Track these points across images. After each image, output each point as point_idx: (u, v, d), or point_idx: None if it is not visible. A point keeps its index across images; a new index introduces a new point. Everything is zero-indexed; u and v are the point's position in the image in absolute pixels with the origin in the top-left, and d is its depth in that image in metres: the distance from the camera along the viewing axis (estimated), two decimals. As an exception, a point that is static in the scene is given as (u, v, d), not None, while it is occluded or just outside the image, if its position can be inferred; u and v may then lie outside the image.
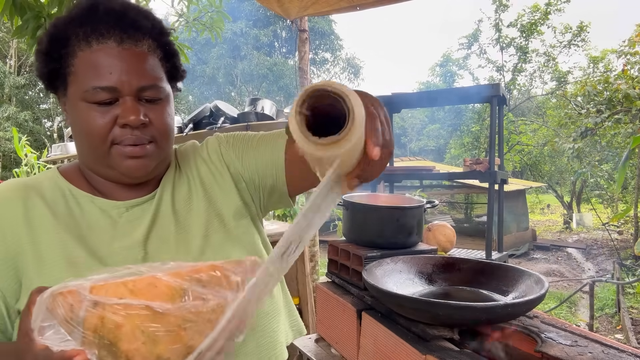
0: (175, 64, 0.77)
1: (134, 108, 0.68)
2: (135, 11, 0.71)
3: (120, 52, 0.67)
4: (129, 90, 0.68)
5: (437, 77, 20.44)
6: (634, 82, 7.29)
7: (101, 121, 0.67)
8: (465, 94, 3.49)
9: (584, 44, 16.02)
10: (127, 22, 0.69)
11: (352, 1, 2.34)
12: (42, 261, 0.67)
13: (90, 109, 0.68)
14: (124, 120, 0.67)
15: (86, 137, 0.69)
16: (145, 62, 0.70)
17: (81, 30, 0.67)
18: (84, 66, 0.67)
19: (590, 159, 9.10)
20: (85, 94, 0.67)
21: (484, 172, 3.09)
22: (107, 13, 0.68)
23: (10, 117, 15.76)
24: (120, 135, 0.68)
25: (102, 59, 0.67)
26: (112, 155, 0.70)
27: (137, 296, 0.46)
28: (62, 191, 0.74)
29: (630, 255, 7.61)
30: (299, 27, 3.61)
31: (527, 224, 10.87)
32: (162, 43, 0.74)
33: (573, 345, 0.95)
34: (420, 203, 1.54)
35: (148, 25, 0.71)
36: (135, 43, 0.69)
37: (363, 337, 1.28)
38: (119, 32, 0.68)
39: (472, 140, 16.33)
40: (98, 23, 0.67)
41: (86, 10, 0.68)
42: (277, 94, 21.18)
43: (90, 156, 0.72)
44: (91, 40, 0.67)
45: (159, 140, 0.72)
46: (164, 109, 0.73)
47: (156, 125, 0.71)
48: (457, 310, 0.98)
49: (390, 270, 1.31)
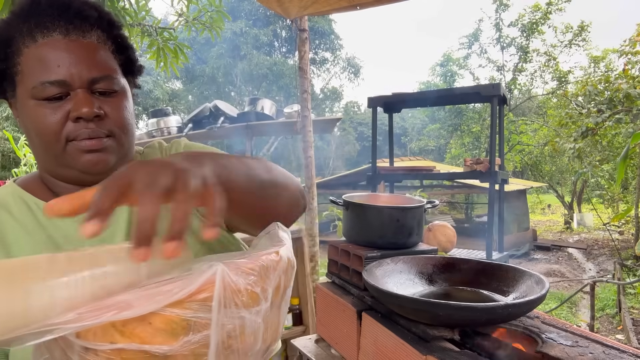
0: (129, 57, 0.74)
1: (86, 100, 0.64)
2: (80, 2, 0.67)
3: (68, 44, 0.64)
4: (80, 82, 0.64)
5: (438, 77, 20.44)
6: (634, 81, 7.28)
7: (53, 118, 0.64)
8: (465, 94, 3.48)
9: (584, 44, 16.03)
10: (71, 13, 0.65)
11: (352, 1, 2.34)
12: None
13: (39, 106, 0.64)
14: (76, 113, 0.64)
15: (39, 137, 0.65)
16: (95, 53, 0.66)
17: (24, 26, 0.64)
18: (30, 62, 0.64)
19: (591, 158, 9.09)
20: (34, 91, 0.63)
21: (485, 172, 3.08)
22: (50, 5, 0.65)
23: (9, 117, 15.77)
24: (74, 130, 0.65)
25: (48, 52, 0.63)
26: (68, 152, 0.66)
27: (129, 339, 0.37)
28: (27, 205, 0.70)
29: (631, 255, 7.60)
30: (299, 26, 3.60)
31: (528, 224, 10.87)
32: (112, 35, 0.70)
33: (574, 346, 0.94)
34: (420, 203, 1.54)
35: (94, 16, 0.68)
36: (83, 34, 0.66)
37: (363, 338, 1.27)
38: (64, 24, 0.64)
39: (472, 140, 16.33)
40: (41, 16, 0.64)
41: (28, 5, 0.65)
42: (277, 94, 21.19)
43: (46, 158, 0.69)
44: (36, 35, 0.64)
45: (117, 134, 0.68)
46: (121, 102, 0.69)
47: (112, 118, 0.67)
48: (457, 310, 0.98)
49: (390, 270, 1.31)
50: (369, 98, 3.55)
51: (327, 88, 27.50)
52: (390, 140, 3.76)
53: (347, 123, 31.15)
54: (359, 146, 30.68)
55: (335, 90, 27.64)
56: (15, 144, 4.84)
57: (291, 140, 19.37)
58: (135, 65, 0.75)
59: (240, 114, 7.66)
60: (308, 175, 3.81)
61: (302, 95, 3.77)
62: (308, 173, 3.81)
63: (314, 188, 3.84)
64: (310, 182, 3.81)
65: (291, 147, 23.00)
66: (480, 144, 15.98)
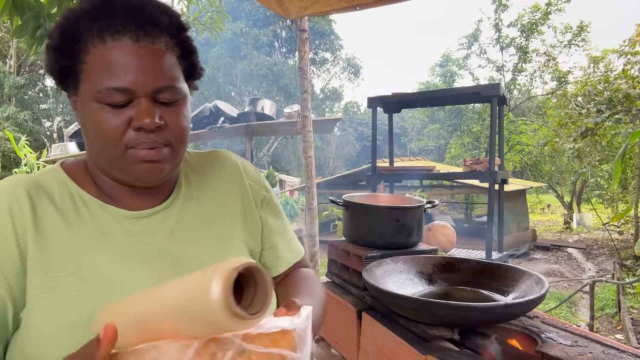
0: (193, 62, 0.73)
1: (149, 110, 0.64)
2: (153, 6, 0.66)
3: (137, 50, 0.63)
4: (145, 91, 0.64)
5: (437, 77, 20.43)
6: (634, 81, 7.29)
7: (114, 123, 0.64)
8: (465, 94, 3.48)
9: (584, 44, 16.03)
10: (144, 17, 0.64)
11: (352, 1, 2.34)
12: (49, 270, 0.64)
13: (102, 110, 0.64)
14: (138, 123, 0.63)
15: (98, 140, 0.66)
16: (162, 61, 0.65)
17: (95, 25, 0.63)
18: (97, 64, 0.63)
19: (590, 158, 9.09)
20: (98, 95, 0.63)
21: (484, 172, 3.08)
22: (123, 7, 0.63)
23: (10, 117, 15.76)
24: (134, 138, 0.65)
25: (116, 57, 0.62)
26: (126, 159, 0.66)
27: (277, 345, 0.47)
28: (71, 195, 0.70)
29: (631, 255, 7.60)
30: (299, 27, 3.60)
31: (528, 224, 10.87)
32: (180, 40, 0.69)
33: (573, 346, 0.95)
34: (420, 203, 1.54)
35: (166, 21, 0.66)
36: (153, 41, 0.64)
37: (363, 337, 1.28)
38: (136, 29, 0.63)
39: (472, 140, 16.33)
40: (113, 18, 0.63)
41: (100, 4, 0.64)
42: (277, 94, 21.17)
43: (102, 159, 0.69)
44: (105, 37, 0.63)
45: (174, 144, 0.68)
46: (180, 111, 0.69)
47: (172, 128, 0.67)
48: (457, 310, 0.98)
49: (390, 270, 1.31)
50: (368, 98, 3.55)
51: (327, 88, 27.49)
52: (390, 140, 3.76)
53: (347, 123, 31.14)
54: (359, 146, 30.67)
55: (335, 91, 27.63)
56: (16, 144, 4.84)
57: (291, 140, 19.35)
58: (197, 70, 0.75)
59: (240, 114, 7.67)
60: (308, 175, 3.82)
61: (302, 96, 3.77)
62: (308, 173, 3.81)
63: (314, 188, 3.84)
64: (310, 182, 3.81)
65: (291, 147, 22.98)
66: (480, 144, 15.98)
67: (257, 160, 14.35)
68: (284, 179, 13.91)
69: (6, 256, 0.62)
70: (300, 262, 0.91)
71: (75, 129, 8.00)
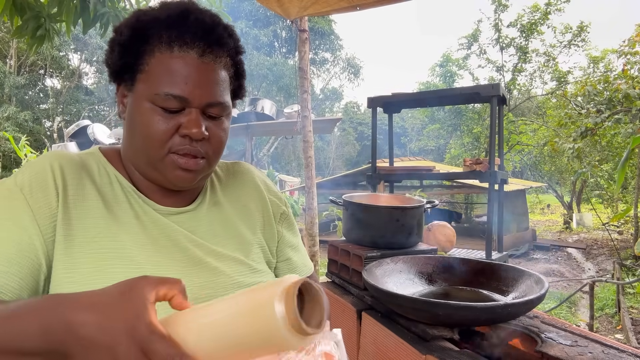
0: (241, 84, 0.79)
1: (198, 121, 0.68)
2: (223, 27, 0.71)
3: (200, 65, 0.68)
4: (199, 103, 0.68)
5: (437, 77, 20.41)
6: (634, 82, 7.29)
7: (164, 127, 0.68)
8: (465, 94, 3.48)
9: (584, 44, 16.02)
10: (213, 37, 0.69)
11: (352, 1, 2.34)
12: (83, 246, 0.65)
13: (155, 112, 0.67)
14: (186, 131, 0.67)
15: (144, 139, 0.69)
16: (219, 78, 0.70)
17: (166, 33, 0.67)
18: (159, 68, 0.67)
19: (590, 159, 9.10)
20: (156, 97, 0.67)
21: (484, 172, 3.08)
22: (196, 23, 0.68)
23: (10, 117, 15.75)
24: (179, 144, 0.69)
25: (180, 66, 0.67)
26: (166, 162, 0.70)
27: None
28: (109, 177, 0.74)
29: (630, 255, 7.61)
30: (299, 27, 3.61)
31: (527, 224, 10.88)
32: (236, 62, 0.75)
33: (573, 345, 0.95)
34: (420, 203, 1.54)
35: (230, 44, 0.72)
36: (215, 59, 0.69)
37: (363, 337, 1.28)
38: (203, 45, 0.68)
39: (472, 140, 16.32)
40: (185, 31, 0.67)
41: (176, 15, 0.68)
42: (277, 94, 21.18)
43: (141, 157, 0.72)
44: (174, 46, 0.67)
45: (211, 157, 0.73)
46: (223, 126, 0.73)
47: (212, 141, 0.72)
48: (457, 310, 0.98)
49: (390, 270, 1.31)
50: (368, 98, 3.55)
51: (327, 88, 27.49)
52: (390, 140, 3.77)
53: (347, 123, 31.13)
54: (359, 146, 30.67)
55: (335, 91, 27.63)
56: (16, 144, 4.84)
57: (291, 140, 19.35)
58: (243, 91, 0.81)
59: (240, 114, 7.67)
60: (308, 175, 3.82)
61: (302, 96, 3.77)
62: (308, 173, 3.82)
63: (314, 188, 3.84)
64: (310, 182, 3.81)
65: (291, 147, 22.98)
66: (479, 144, 15.97)
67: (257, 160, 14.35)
68: (284, 179, 13.92)
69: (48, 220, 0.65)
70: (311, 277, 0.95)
71: (75, 129, 7.99)
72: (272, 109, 7.63)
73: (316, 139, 18.72)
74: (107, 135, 7.54)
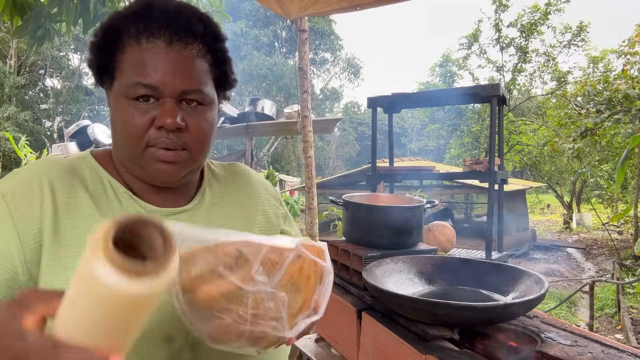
0: (225, 71, 0.76)
1: (172, 111, 0.67)
2: (189, 14, 0.70)
3: (168, 53, 0.67)
4: (171, 91, 0.67)
5: (437, 77, 20.42)
6: (633, 82, 7.29)
7: (139, 121, 0.67)
8: (465, 94, 3.49)
9: (583, 44, 16.04)
10: (179, 24, 0.68)
11: (352, 1, 2.34)
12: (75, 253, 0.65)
13: (129, 106, 0.67)
14: (160, 122, 0.67)
15: (122, 135, 0.69)
16: (191, 65, 0.69)
17: (133, 27, 0.68)
18: (130, 62, 0.67)
19: (590, 159, 9.10)
20: (128, 90, 0.67)
21: (484, 172, 3.09)
22: (160, 13, 0.68)
23: (10, 117, 15.76)
24: (155, 137, 0.68)
25: (149, 57, 0.67)
26: (145, 157, 0.69)
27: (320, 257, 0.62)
28: (101, 182, 0.73)
29: (630, 255, 7.61)
30: (299, 27, 3.61)
31: (527, 224, 10.88)
32: (214, 49, 0.73)
33: (573, 345, 0.95)
34: (420, 203, 1.54)
35: (200, 30, 0.70)
36: (185, 46, 0.68)
37: (363, 337, 1.28)
38: (169, 33, 0.67)
39: (472, 140, 16.33)
40: (150, 22, 0.67)
41: (141, 8, 0.69)
42: (277, 94, 21.18)
43: (124, 154, 0.72)
44: (141, 38, 0.67)
45: (192, 148, 0.71)
46: (203, 116, 0.71)
47: (192, 131, 0.70)
48: (457, 310, 0.98)
49: (390, 270, 1.31)
50: (368, 98, 3.56)
51: (327, 88, 27.49)
52: (390, 140, 3.77)
53: (347, 123, 31.14)
54: (359, 146, 30.68)
55: (335, 91, 27.63)
56: (16, 144, 4.84)
57: (291, 140, 19.35)
58: (229, 80, 0.78)
59: (240, 114, 7.66)
60: (308, 175, 3.82)
61: (302, 96, 3.77)
62: (308, 173, 3.82)
63: (314, 188, 3.84)
64: (310, 182, 3.81)
65: (291, 147, 22.98)
66: (479, 144, 15.97)
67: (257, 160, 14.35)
68: (284, 179, 13.91)
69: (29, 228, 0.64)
70: None
71: (75, 129, 7.98)
72: (272, 109, 7.62)
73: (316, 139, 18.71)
74: (107, 135, 7.53)
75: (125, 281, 0.34)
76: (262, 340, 0.58)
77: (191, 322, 0.55)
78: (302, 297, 0.60)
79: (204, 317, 0.55)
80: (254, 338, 0.57)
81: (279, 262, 0.57)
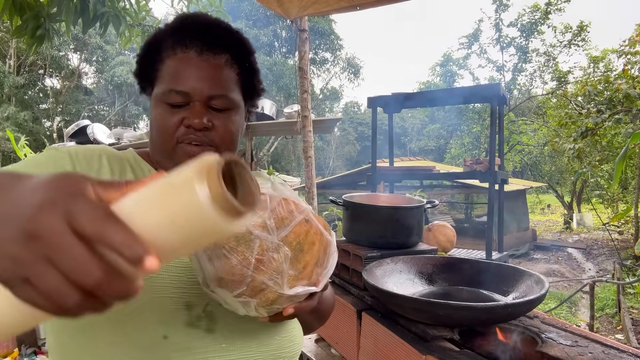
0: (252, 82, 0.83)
1: (200, 112, 0.75)
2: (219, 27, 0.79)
3: (199, 62, 0.75)
4: (199, 96, 0.75)
5: (438, 77, 20.44)
6: (634, 81, 7.29)
7: (171, 120, 0.76)
8: (465, 94, 3.48)
9: (584, 44, 16.04)
10: (209, 35, 0.77)
11: (352, 1, 2.33)
12: None
13: (164, 109, 0.76)
14: (188, 121, 0.75)
15: (158, 133, 0.78)
16: (219, 73, 0.77)
17: (170, 40, 0.77)
18: (167, 71, 0.76)
19: (590, 159, 9.10)
20: (163, 96, 0.76)
21: (484, 172, 3.08)
22: (194, 26, 0.77)
23: (10, 117, 15.76)
24: (184, 134, 0.76)
25: (182, 66, 0.75)
26: (177, 152, 0.77)
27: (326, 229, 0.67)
28: (144, 173, 0.80)
29: (631, 255, 7.61)
30: (299, 26, 3.60)
31: (528, 224, 10.89)
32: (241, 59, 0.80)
33: (573, 346, 0.95)
34: (420, 203, 1.54)
35: (229, 41, 0.79)
36: (214, 55, 0.76)
37: (363, 337, 1.28)
38: (200, 44, 0.76)
39: (472, 140, 16.34)
40: (184, 34, 0.76)
41: (178, 23, 0.79)
42: (277, 94, 21.18)
43: (159, 151, 0.80)
44: (176, 49, 0.76)
45: (219, 145, 0.78)
46: (229, 118, 0.79)
47: (218, 131, 0.77)
48: (457, 310, 0.98)
49: (390, 270, 1.31)
50: (368, 98, 3.55)
51: (327, 88, 27.48)
52: (390, 140, 3.76)
53: (347, 123, 31.13)
54: (359, 146, 30.67)
55: (335, 90, 27.62)
56: (16, 144, 4.84)
57: (291, 140, 19.35)
58: (256, 89, 0.86)
59: (240, 114, 7.66)
60: (308, 175, 3.82)
61: (302, 96, 3.77)
62: (308, 173, 3.81)
63: (314, 188, 3.84)
64: (310, 182, 3.81)
65: (291, 147, 22.98)
66: (480, 144, 15.98)
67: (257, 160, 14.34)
68: (284, 179, 13.92)
69: None
70: None
71: (75, 129, 7.99)
72: (272, 109, 7.61)
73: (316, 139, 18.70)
74: (107, 135, 7.53)
75: (217, 214, 0.35)
76: (261, 293, 0.60)
77: (200, 262, 0.61)
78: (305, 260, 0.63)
79: (213, 256, 0.60)
80: (254, 287, 0.60)
81: (288, 218, 0.63)
